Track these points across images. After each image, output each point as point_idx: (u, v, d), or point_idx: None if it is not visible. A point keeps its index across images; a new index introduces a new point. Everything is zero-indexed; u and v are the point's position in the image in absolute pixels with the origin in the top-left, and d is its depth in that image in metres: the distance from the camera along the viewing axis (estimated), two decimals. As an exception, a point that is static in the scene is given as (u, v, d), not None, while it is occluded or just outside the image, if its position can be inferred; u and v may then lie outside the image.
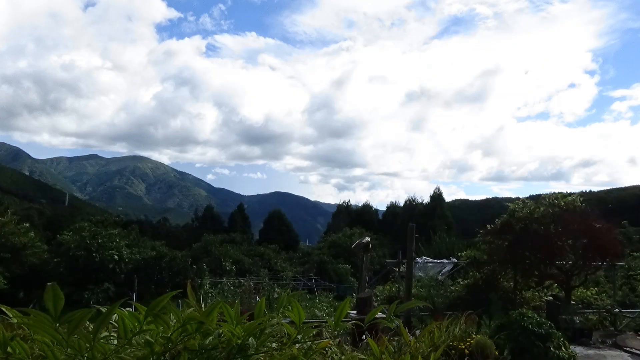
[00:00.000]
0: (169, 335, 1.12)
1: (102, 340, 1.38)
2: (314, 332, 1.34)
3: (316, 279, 35.78)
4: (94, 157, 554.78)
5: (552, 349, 8.60)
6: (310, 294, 28.91)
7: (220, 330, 1.19)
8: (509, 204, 13.62)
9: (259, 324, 1.16)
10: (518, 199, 13.87)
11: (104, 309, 1.50)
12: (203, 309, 1.63)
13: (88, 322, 1.68)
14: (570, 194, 13.38)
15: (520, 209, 13.04)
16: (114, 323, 1.42)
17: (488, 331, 10.81)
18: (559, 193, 13.40)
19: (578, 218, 12.04)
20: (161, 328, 1.13)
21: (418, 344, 5.28)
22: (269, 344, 1.22)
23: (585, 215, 12.19)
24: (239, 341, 1.12)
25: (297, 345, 1.24)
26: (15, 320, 1.40)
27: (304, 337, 1.26)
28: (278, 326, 1.29)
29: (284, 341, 1.25)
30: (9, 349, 1.30)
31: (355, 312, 10.10)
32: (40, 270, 23.62)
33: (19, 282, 22.48)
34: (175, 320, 1.17)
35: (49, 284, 1.26)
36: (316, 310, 18.27)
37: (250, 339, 1.13)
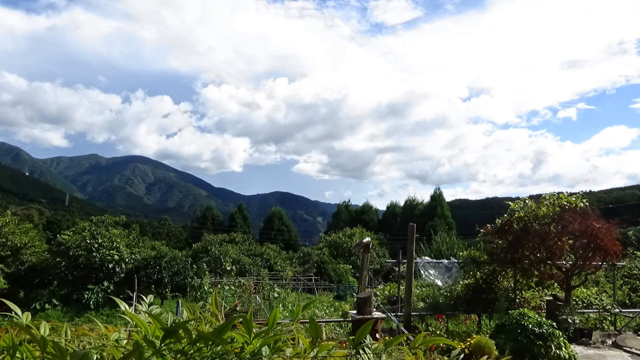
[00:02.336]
0: (181, 348, 1.12)
1: (112, 342, 1.39)
2: (331, 347, 1.34)
3: (316, 278, 35.78)
4: (94, 157, 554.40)
5: (552, 348, 8.62)
6: (310, 294, 28.93)
7: (233, 335, 1.19)
8: (509, 204, 13.60)
9: (275, 337, 1.16)
10: (518, 198, 13.85)
11: (119, 302, 1.51)
12: (212, 304, 1.64)
13: (98, 322, 1.68)
14: (573, 194, 13.33)
15: (521, 208, 13.03)
16: (129, 319, 1.42)
17: (488, 331, 10.84)
18: (560, 193, 13.36)
19: (578, 218, 12.04)
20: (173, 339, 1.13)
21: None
22: (282, 350, 1.22)
23: (586, 215, 12.18)
24: (252, 349, 1.12)
25: (312, 355, 1.25)
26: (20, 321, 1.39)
27: (320, 350, 1.26)
28: (292, 334, 1.29)
29: (298, 351, 1.26)
30: (17, 354, 1.30)
31: (355, 312, 10.13)
32: (40, 269, 23.63)
33: (18, 281, 22.50)
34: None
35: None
36: (316, 310, 18.30)
37: (264, 347, 1.14)
